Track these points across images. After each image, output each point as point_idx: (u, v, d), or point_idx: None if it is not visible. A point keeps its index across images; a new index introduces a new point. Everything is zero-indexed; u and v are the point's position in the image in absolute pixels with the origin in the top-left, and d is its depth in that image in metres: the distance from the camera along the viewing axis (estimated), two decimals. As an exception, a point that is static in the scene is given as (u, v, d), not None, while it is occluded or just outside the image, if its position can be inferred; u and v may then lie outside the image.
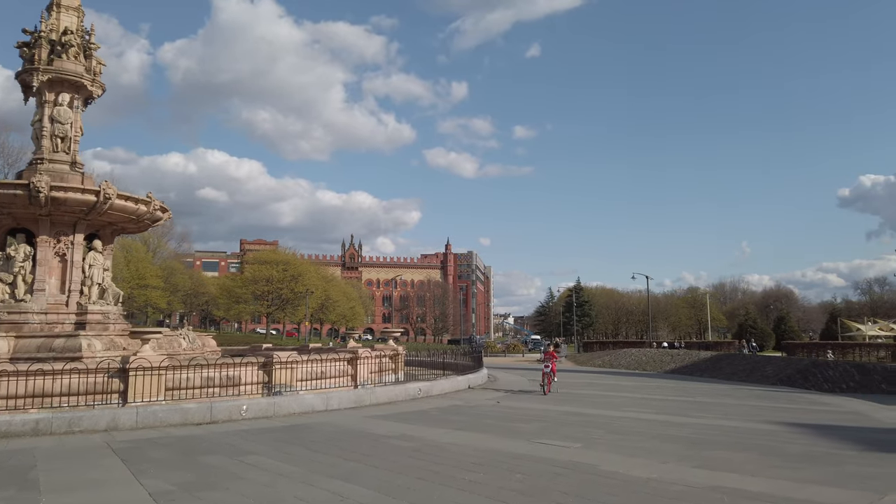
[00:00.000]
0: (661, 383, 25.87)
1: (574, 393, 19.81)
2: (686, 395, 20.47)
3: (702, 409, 16.25)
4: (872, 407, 18.47)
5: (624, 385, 23.99)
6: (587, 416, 13.88)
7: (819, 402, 19.43)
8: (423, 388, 17.13)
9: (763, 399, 19.87)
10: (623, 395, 19.92)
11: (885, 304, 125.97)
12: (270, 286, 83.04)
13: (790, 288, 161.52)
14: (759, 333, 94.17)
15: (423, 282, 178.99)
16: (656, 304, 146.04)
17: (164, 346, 20.67)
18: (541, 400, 16.64)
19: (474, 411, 14.45)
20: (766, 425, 13.38)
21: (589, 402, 17.04)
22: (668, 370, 34.02)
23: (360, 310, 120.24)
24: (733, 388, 24.61)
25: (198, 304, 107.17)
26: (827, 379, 26.87)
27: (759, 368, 29.07)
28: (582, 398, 18.31)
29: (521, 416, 13.66)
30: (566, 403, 16.30)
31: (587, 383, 24.59)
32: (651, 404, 17.18)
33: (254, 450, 9.41)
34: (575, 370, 34.35)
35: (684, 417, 14.35)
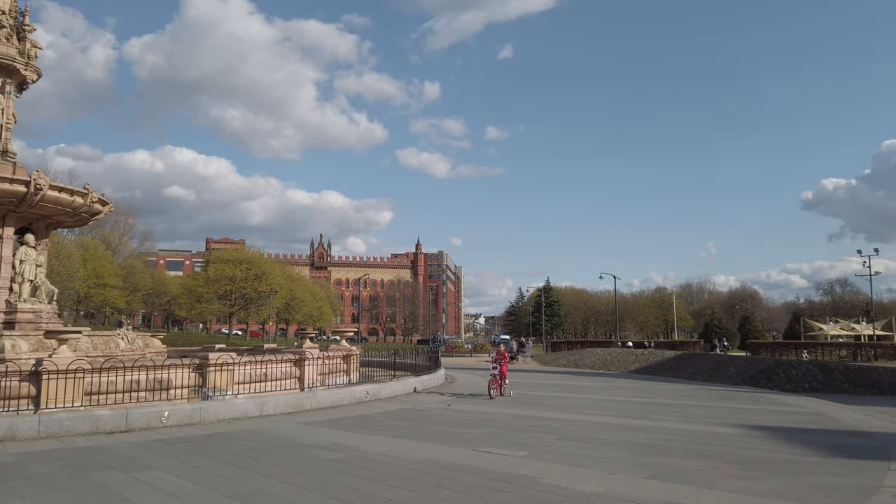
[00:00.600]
0: (624, 384, 25.28)
1: (532, 395, 19.01)
2: (647, 396, 19.84)
3: (662, 412, 15.57)
4: (835, 407, 18.03)
5: (585, 386, 23.31)
6: (541, 421, 13.05)
7: (782, 403, 18.95)
8: (372, 390, 16.15)
9: (725, 400, 19.32)
10: (583, 396, 19.18)
11: (846, 304, 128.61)
12: (234, 285, 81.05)
13: (755, 288, 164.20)
14: (725, 333, 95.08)
15: (393, 282, 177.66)
16: (624, 304, 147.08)
17: (100, 347, 19.34)
18: (495, 403, 15.78)
19: (422, 415, 13.52)
20: (727, 428, 12.72)
21: (546, 405, 16.24)
22: (632, 370, 33.55)
23: (328, 309, 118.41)
24: (696, 388, 24.11)
25: (160, 304, 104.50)
26: (790, 379, 26.60)
27: (722, 368, 28.71)
28: (539, 400, 17.51)
29: (470, 421, 12.76)
30: (521, 406, 15.46)
31: (547, 384, 23.85)
32: (610, 406, 16.45)
33: (157, 464, 8.34)
34: (538, 370, 33.67)
35: (643, 421, 13.61)
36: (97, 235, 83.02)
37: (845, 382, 26.33)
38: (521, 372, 31.93)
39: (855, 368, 27.35)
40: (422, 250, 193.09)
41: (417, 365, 23.17)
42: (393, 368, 22.14)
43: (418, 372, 21.58)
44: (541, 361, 45.15)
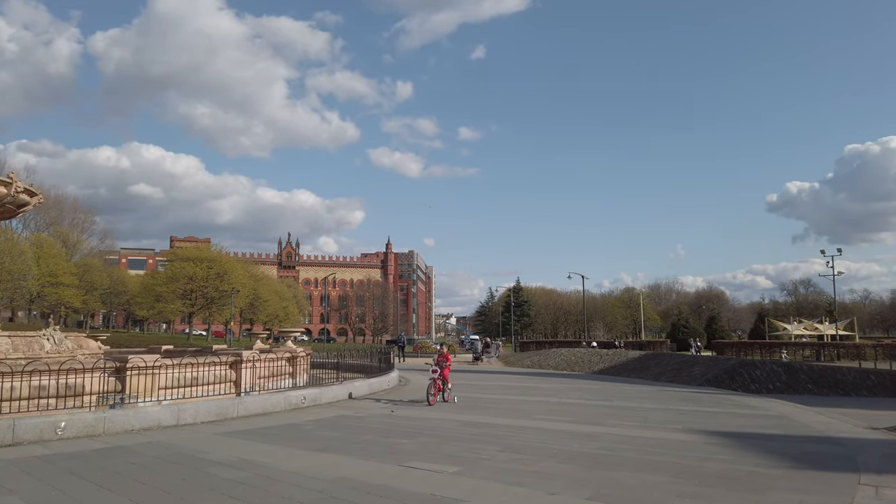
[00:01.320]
0: (585, 385, 24.41)
1: (486, 398, 17.95)
2: (607, 398, 18.93)
3: (620, 416, 14.63)
4: (799, 410, 17.33)
5: (544, 388, 22.35)
6: (486, 428, 11.96)
7: (745, 405, 18.21)
8: (311, 395, 14.91)
9: (687, 402, 18.51)
10: (539, 399, 18.17)
11: (810, 304, 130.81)
12: (194, 284, 78.67)
13: (721, 289, 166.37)
14: (692, 333, 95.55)
15: (362, 281, 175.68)
16: (593, 304, 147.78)
17: (22, 349, 17.82)
18: (442, 409, 14.63)
19: (358, 423, 12.33)
20: (686, 435, 11.80)
21: (497, 410, 15.17)
22: (596, 371, 32.79)
23: (294, 309, 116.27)
24: (658, 389, 23.35)
25: (119, 304, 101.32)
26: (754, 379, 26.05)
27: (686, 368, 28.07)
28: (492, 404, 16.44)
29: (409, 430, 11.62)
30: (470, 412, 14.37)
31: (506, 386, 22.84)
32: (566, 411, 15.47)
33: (17, 488, 7.03)
34: (500, 372, 32.69)
35: (597, 427, 12.63)
36: (52, 233, 79.98)
37: (809, 383, 25.88)
38: (482, 373, 30.94)
39: (819, 369, 26.95)
40: (392, 250, 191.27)
41: (370, 366, 21.98)
42: (346, 370, 20.94)
43: (370, 374, 20.40)
44: (506, 362, 44.25)
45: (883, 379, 26.75)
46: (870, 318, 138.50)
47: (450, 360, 15.53)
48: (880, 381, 26.54)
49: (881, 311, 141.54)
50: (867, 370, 28.46)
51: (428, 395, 15.01)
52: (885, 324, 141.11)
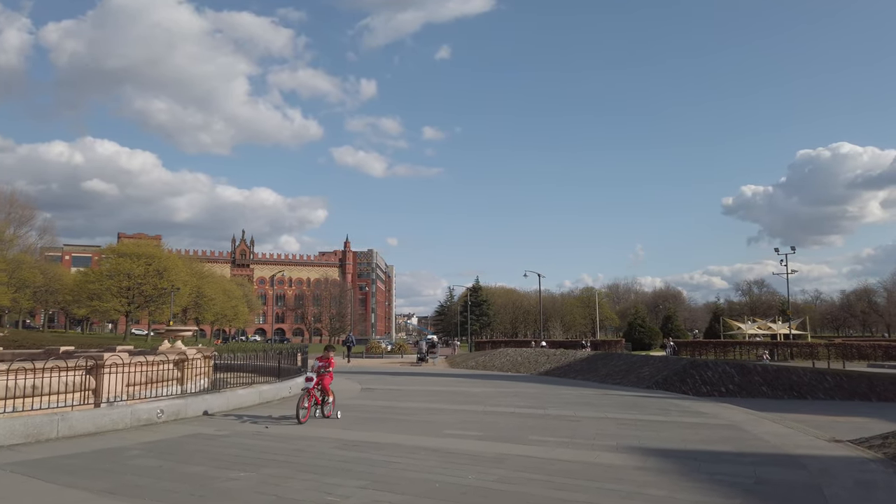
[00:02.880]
0: (524, 389, 22.13)
1: (397, 408, 15.45)
2: (540, 405, 16.63)
3: (546, 429, 12.30)
4: (752, 417, 15.32)
5: (475, 393, 19.98)
6: (368, 451, 9.46)
7: (693, 412, 16.13)
8: (171, 407, 12.16)
9: (629, 409, 16.34)
10: (461, 408, 15.75)
11: (763, 304, 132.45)
12: (132, 281, 74.32)
13: (678, 289, 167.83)
14: (648, 332, 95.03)
15: (319, 280, 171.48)
16: (553, 303, 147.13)
17: None
18: (326, 426, 11.98)
19: (203, 447, 9.67)
20: (616, 456, 9.52)
21: (400, 424, 12.67)
22: (542, 372, 30.67)
23: (244, 308, 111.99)
24: (602, 393, 21.22)
25: (57, 303, 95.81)
26: (705, 381, 24.20)
27: (634, 370, 26.10)
28: (399, 416, 13.95)
29: (261, 457, 9.02)
30: (362, 428, 11.84)
31: (432, 392, 20.38)
32: (486, 423, 13.07)
33: None
34: (438, 374, 30.26)
35: (513, 446, 10.26)
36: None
37: (764, 385, 24.15)
38: (417, 376, 28.47)
39: (774, 370, 25.26)
40: (350, 248, 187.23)
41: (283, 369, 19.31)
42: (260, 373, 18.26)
43: (283, 377, 17.78)
44: (451, 363, 41.88)
45: (840, 381, 25.21)
46: (821, 318, 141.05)
47: (333, 365, 12.83)
48: (837, 383, 24.99)
49: (832, 311, 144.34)
50: (823, 371, 26.96)
51: (298, 411, 11.70)
52: (835, 323, 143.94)
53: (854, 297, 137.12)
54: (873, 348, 56.16)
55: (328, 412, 12.61)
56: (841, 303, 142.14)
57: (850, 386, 25.13)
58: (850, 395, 24.51)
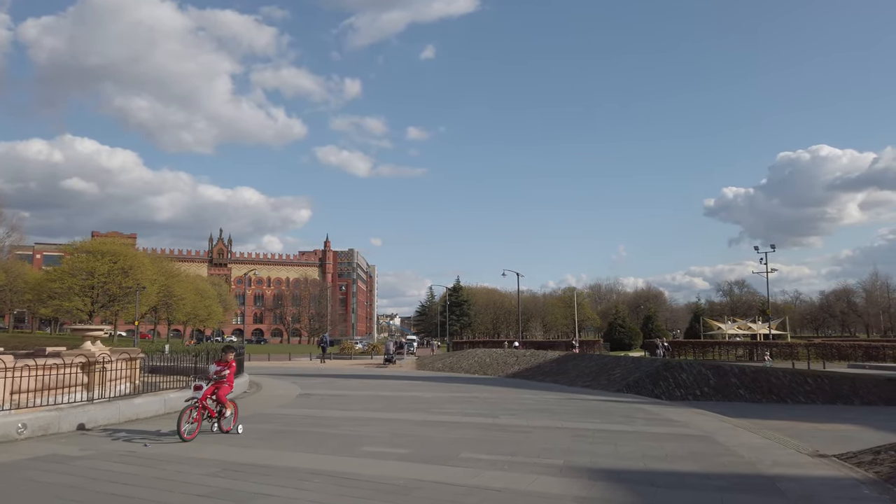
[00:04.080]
0: (483, 393, 20.36)
1: (324, 418, 13.56)
2: (493, 413, 14.86)
3: (486, 444, 10.54)
4: (726, 426, 13.67)
5: (427, 399, 18.15)
6: (249, 478, 7.62)
7: (661, 420, 14.47)
8: (36, 421, 10.13)
9: (590, 417, 14.62)
10: (398, 417, 13.93)
11: (744, 304, 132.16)
12: (94, 280, 71.58)
13: (660, 289, 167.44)
14: (628, 332, 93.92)
15: (299, 280, 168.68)
16: (534, 303, 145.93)
17: None
18: (221, 441, 10.13)
19: (46, 474, 7.74)
20: (558, 482, 7.77)
21: (314, 439, 10.80)
22: (509, 374, 28.97)
23: (218, 308, 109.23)
24: (567, 397, 19.52)
25: (21, 302, 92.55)
26: (679, 384, 22.61)
27: (605, 371, 24.45)
28: (319, 428, 12.06)
29: (115, 485, 7.15)
30: (267, 444, 9.98)
31: (379, 397, 18.52)
32: (417, 436, 11.27)
33: None
34: (399, 377, 28.40)
35: (435, 467, 8.47)
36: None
37: (741, 388, 22.62)
38: (374, 378, 26.63)
39: (751, 372, 23.73)
40: (330, 247, 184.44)
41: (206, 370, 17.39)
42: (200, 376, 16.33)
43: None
44: (419, 364, 40.03)
45: (821, 383, 23.75)
46: (800, 319, 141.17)
47: (233, 368, 10.92)
48: (818, 386, 23.52)
49: (811, 311, 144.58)
50: (803, 373, 25.50)
51: (180, 426, 9.64)
52: (814, 323, 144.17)
53: (833, 298, 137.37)
54: (853, 348, 55.22)
55: (227, 427, 10.67)
56: (820, 303, 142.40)
57: (831, 388, 23.69)
58: (832, 399, 23.06)
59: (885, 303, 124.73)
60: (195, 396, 10.04)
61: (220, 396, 10.37)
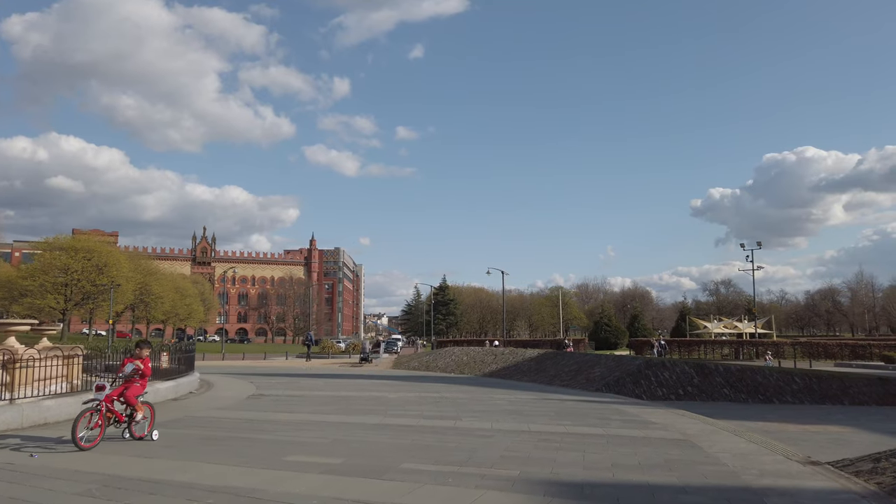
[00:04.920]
0: (452, 393, 19.10)
1: (262, 422, 12.20)
2: (456, 415, 13.60)
3: (436, 451, 9.29)
4: (709, 428, 12.49)
5: (387, 399, 16.85)
6: (131, 496, 6.29)
7: (639, 421, 13.27)
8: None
9: (562, 419, 13.40)
10: (349, 421, 12.60)
11: (730, 303, 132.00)
12: (67, 277, 69.57)
13: (647, 289, 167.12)
14: (614, 331, 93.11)
15: (284, 279, 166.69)
16: (521, 302, 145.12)
17: None
18: (126, 450, 8.76)
19: None
20: (505, 497, 6.52)
21: (240, 447, 9.46)
22: (487, 372, 27.74)
23: (199, 307, 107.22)
24: (541, 398, 18.29)
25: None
26: (661, 383, 21.46)
27: (585, 370, 23.27)
28: (253, 434, 10.72)
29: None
30: (182, 453, 8.65)
31: (334, 397, 17.19)
32: (362, 442, 9.99)
33: None
34: (365, 376, 27.08)
35: (366, 480, 7.20)
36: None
37: (726, 387, 21.51)
38: (340, 378, 25.30)
39: (737, 370, 22.64)
40: (316, 246, 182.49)
41: (162, 370, 16.11)
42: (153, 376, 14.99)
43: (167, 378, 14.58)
44: (395, 364, 38.70)
45: (809, 382, 22.70)
46: (786, 318, 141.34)
47: (148, 370, 9.43)
48: (806, 385, 22.47)
49: (796, 310, 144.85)
50: (791, 372, 24.46)
51: (75, 432, 8.24)
52: (800, 323, 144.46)
53: (819, 297, 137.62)
54: (840, 347, 54.63)
55: (140, 433, 9.28)
56: (806, 303, 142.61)
57: (820, 388, 22.64)
58: (820, 399, 22.02)
59: (869, 302, 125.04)
60: (97, 398, 8.64)
61: (128, 398, 8.99)
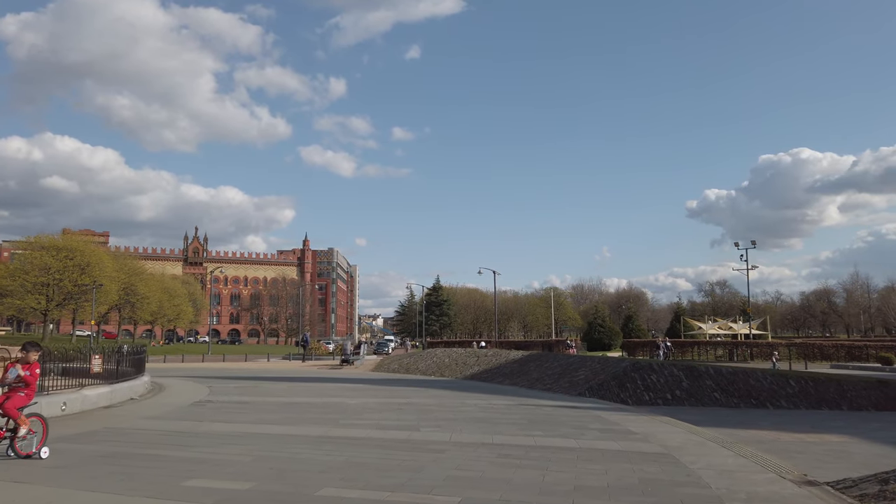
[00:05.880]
0: (421, 398, 17.79)
1: (187, 434, 10.85)
2: (417, 424, 12.29)
3: (376, 470, 8.00)
4: (694, 439, 11.21)
5: (347, 406, 15.52)
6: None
7: (618, 431, 11.98)
8: None
9: (532, 428, 12.09)
10: (289, 433, 11.27)
11: (725, 304, 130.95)
12: (48, 276, 67.94)
13: (642, 289, 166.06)
14: (607, 332, 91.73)
15: (276, 279, 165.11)
16: (515, 303, 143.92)
17: None
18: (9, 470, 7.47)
19: None
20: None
21: (140, 466, 8.13)
22: (468, 375, 26.46)
23: (188, 308, 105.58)
24: (517, 403, 16.98)
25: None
26: (649, 386, 20.17)
27: (569, 373, 21.98)
28: (165, 450, 9.39)
29: None
30: (55, 476, 7.30)
31: (289, 404, 15.84)
32: (292, 460, 8.68)
33: None
34: (338, 379, 25.75)
35: None
36: None
37: (716, 391, 20.26)
38: (310, 382, 23.96)
39: (728, 373, 21.37)
40: (309, 247, 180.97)
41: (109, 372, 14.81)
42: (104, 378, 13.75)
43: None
44: (377, 366, 37.31)
45: (805, 385, 21.44)
46: (781, 319, 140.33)
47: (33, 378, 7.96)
48: (802, 389, 21.21)
49: (792, 311, 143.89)
50: (786, 374, 23.23)
51: None
52: (795, 324, 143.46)
53: (814, 298, 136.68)
54: (836, 348, 53.48)
55: (27, 450, 7.89)
56: (801, 303, 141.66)
57: (816, 391, 21.40)
58: (817, 403, 20.76)
59: (865, 303, 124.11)
60: None
61: (7, 410, 7.62)
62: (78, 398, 12.18)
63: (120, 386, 14.38)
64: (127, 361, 15.54)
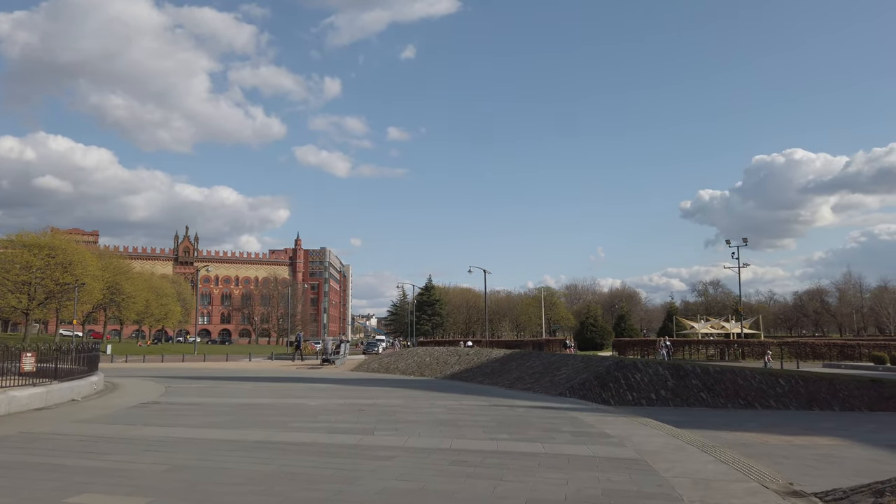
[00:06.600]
0: (388, 399, 16.82)
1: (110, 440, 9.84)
2: (373, 427, 11.32)
3: (303, 482, 7.05)
4: (672, 444, 10.27)
5: (306, 407, 14.52)
6: None
7: (592, 434, 11.04)
8: None
9: (501, 430, 11.14)
10: (228, 438, 10.28)
11: (718, 304, 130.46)
12: (30, 275, 66.61)
13: (635, 289, 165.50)
14: (599, 331, 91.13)
15: (268, 279, 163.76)
16: (508, 302, 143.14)
17: None
18: None
19: None
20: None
21: (20, 481, 7.16)
22: (448, 374, 25.51)
23: (177, 307, 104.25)
24: (490, 404, 16.02)
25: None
26: (632, 386, 19.25)
27: (550, 372, 21.04)
28: (73, 459, 8.36)
29: None
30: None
31: (241, 405, 14.85)
32: (214, 471, 7.72)
33: None
34: (310, 379, 24.76)
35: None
36: None
37: (703, 390, 19.35)
38: (279, 382, 22.96)
39: (716, 373, 20.47)
40: (301, 246, 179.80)
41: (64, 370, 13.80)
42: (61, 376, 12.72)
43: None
44: (357, 365, 36.27)
45: (795, 384, 20.56)
46: (774, 319, 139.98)
47: None
48: (792, 388, 20.33)
49: (784, 311, 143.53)
50: (775, 373, 22.36)
51: None
52: (788, 323, 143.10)
53: (807, 298, 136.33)
54: (828, 347, 52.80)
55: None
56: (794, 303, 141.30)
57: (807, 391, 20.52)
58: (807, 403, 19.88)
59: (858, 302, 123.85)
60: None
61: None
62: (3, 399, 11.15)
63: (59, 386, 13.36)
64: (71, 360, 14.51)
